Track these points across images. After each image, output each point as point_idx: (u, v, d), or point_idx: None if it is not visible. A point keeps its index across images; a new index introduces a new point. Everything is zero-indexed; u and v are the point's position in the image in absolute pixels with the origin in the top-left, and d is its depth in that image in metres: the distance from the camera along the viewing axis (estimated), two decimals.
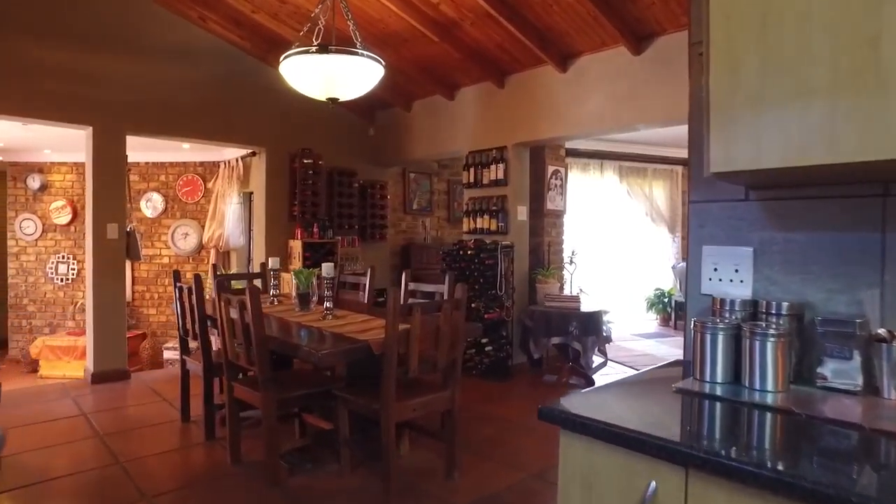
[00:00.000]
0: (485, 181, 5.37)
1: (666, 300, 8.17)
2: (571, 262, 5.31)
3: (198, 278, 3.49)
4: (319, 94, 3.50)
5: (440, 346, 2.86)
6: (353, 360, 2.96)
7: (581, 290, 5.48)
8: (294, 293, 3.70)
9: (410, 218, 7.69)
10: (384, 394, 2.66)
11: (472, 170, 5.49)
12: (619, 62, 4.36)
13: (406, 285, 3.94)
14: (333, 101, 3.56)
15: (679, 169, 8.66)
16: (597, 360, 5.25)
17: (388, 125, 6.70)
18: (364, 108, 6.68)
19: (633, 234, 8.48)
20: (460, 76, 5.48)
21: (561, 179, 5.66)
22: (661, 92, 4.12)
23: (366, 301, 4.21)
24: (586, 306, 5.05)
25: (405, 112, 6.40)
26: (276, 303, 3.91)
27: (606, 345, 5.05)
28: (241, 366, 3.07)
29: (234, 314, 2.94)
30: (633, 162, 8.33)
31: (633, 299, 8.46)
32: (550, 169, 5.51)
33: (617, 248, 8.34)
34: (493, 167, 5.29)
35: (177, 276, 3.90)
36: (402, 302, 3.99)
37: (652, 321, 8.44)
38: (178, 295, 3.74)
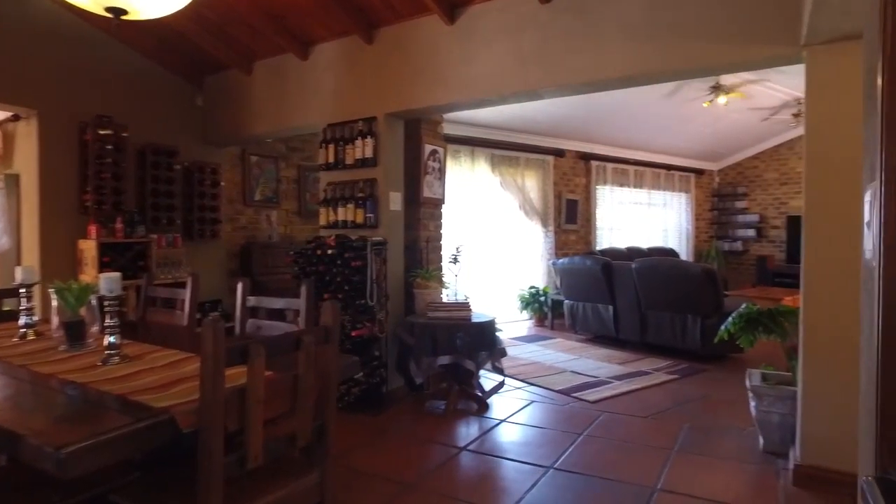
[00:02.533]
0: (348, 161, 4.26)
1: (542, 299, 7.66)
2: (456, 260, 4.41)
3: None
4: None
5: (300, 409, 1.75)
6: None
7: (466, 295, 4.60)
8: (56, 321, 2.33)
9: (252, 211, 6.30)
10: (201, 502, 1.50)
11: (331, 147, 4.35)
12: (523, 11, 3.52)
13: (244, 301, 2.73)
14: (117, 15, 2.25)
15: (551, 159, 8.22)
16: (484, 375, 4.40)
17: (221, 92, 5.29)
18: (189, 67, 5.20)
19: (506, 229, 7.86)
20: (317, 27, 4.30)
21: (440, 161, 4.74)
22: (577, 48, 3.36)
23: (185, 324, 2.93)
24: (476, 314, 4.18)
25: (244, 76, 5.06)
26: (28, 337, 2.47)
27: (502, 359, 4.22)
28: None
29: None
30: (505, 150, 7.71)
31: (506, 299, 7.85)
32: (428, 148, 4.56)
33: (490, 244, 7.66)
34: (359, 143, 4.19)
35: None
36: (237, 329, 2.79)
37: (526, 322, 7.90)
38: None
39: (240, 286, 2.75)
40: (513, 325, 7.50)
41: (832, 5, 2.32)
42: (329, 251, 4.00)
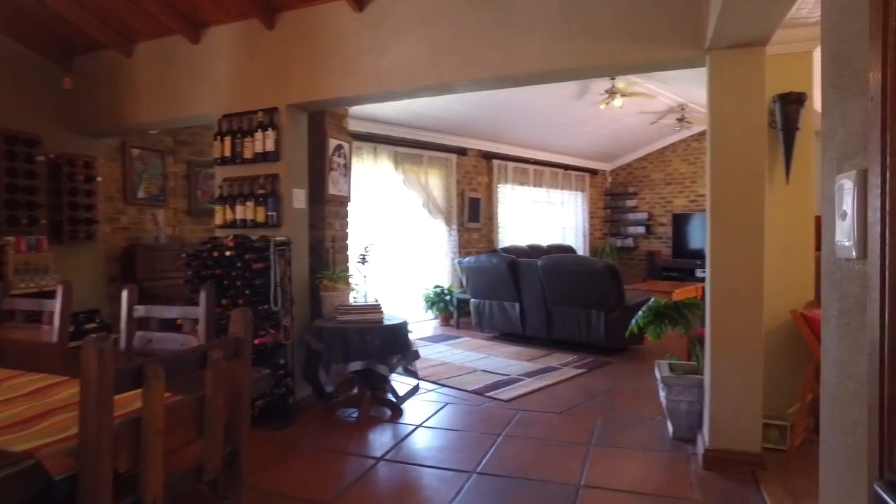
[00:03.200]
0: (247, 155, 3.92)
1: (447, 298, 7.61)
2: (364, 260, 4.20)
3: None
4: None
5: (208, 436, 1.50)
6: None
7: (376, 298, 4.41)
8: None
9: (135, 210, 5.68)
10: None
11: (227, 140, 3.98)
12: (436, 2, 3.41)
13: (130, 311, 2.37)
14: None
15: (454, 158, 8.19)
16: (396, 379, 4.24)
17: (96, 75, 4.70)
18: (54, 45, 4.57)
19: (409, 228, 7.73)
20: (210, 8, 3.91)
21: (345, 157, 4.50)
22: (492, 42, 3.28)
23: (55, 340, 2.51)
24: (388, 316, 4.00)
25: (124, 58, 4.52)
26: None
27: (415, 361, 4.07)
28: None
29: None
30: (408, 148, 7.57)
31: (411, 299, 7.72)
32: (333, 143, 4.31)
33: (394, 244, 7.49)
34: (259, 136, 3.86)
35: None
36: (123, 343, 2.41)
37: (431, 322, 7.82)
38: None
39: (125, 294, 2.39)
40: (419, 325, 7.38)
41: (739, 13, 2.40)
42: (227, 253, 3.65)
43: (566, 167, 10.16)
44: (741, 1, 2.29)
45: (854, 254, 0.92)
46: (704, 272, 9.24)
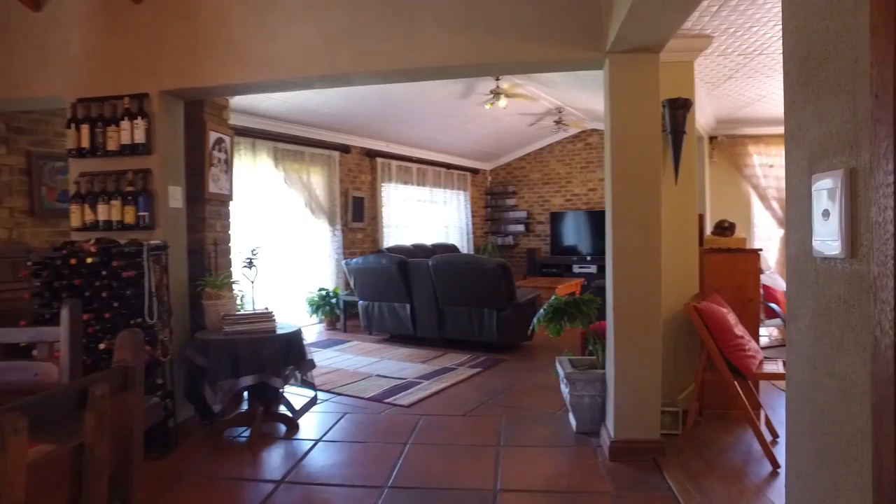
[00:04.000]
0: (111, 147, 3.41)
1: (333, 301, 7.30)
2: (251, 264, 3.84)
3: None
4: None
5: (89, 494, 1.21)
6: None
7: (266, 306, 4.07)
8: None
9: None
10: None
11: (84, 128, 3.43)
12: None
13: None
14: None
15: (336, 155, 7.89)
16: (290, 392, 3.95)
17: None
18: None
19: (292, 228, 7.31)
20: None
21: (226, 152, 4.10)
22: (390, 34, 3.13)
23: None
24: (280, 325, 3.70)
25: None
26: None
27: (310, 372, 3.80)
28: None
29: None
30: (289, 144, 7.16)
31: (294, 303, 7.32)
32: (213, 136, 3.90)
33: (275, 245, 7.04)
34: (125, 125, 3.38)
35: None
36: None
37: (316, 326, 7.47)
38: None
39: None
40: (304, 330, 7.00)
41: (643, 18, 2.47)
42: (89, 259, 3.14)
43: (448, 166, 10.23)
44: (647, 7, 2.35)
45: (841, 253, 0.91)
46: (582, 268, 9.73)
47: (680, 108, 3.23)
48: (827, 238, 0.95)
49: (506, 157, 11.06)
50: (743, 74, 4.19)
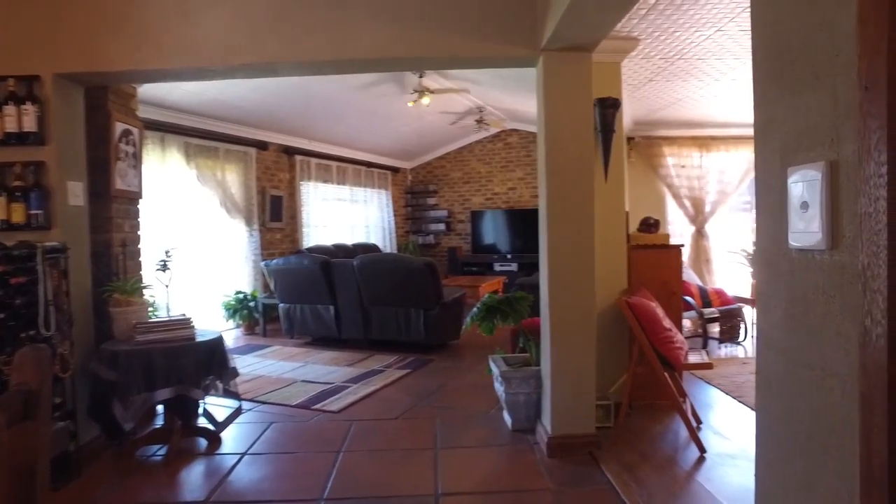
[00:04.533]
0: None
1: (252, 304, 6.95)
2: (165, 267, 3.54)
3: None
4: None
5: None
6: None
7: (184, 312, 3.77)
8: None
9: None
10: None
11: None
12: None
13: None
14: None
15: (253, 152, 7.53)
16: (210, 402, 3.69)
17: None
18: None
19: (205, 229, 6.89)
20: None
21: (135, 145, 3.76)
22: (320, 24, 2.98)
23: None
24: (199, 332, 3.44)
25: None
26: None
27: (234, 380, 3.56)
28: None
29: None
30: (202, 139, 6.74)
31: (208, 308, 6.90)
32: (120, 127, 3.56)
33: (188, 247, 6.60)
34: (10, 110, 2.99)
35: None
36: None
37: (233, 331, 7.09)
38: None
39: None
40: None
41: (582, 16, 2.48)
42: None
43: (369, 165, 10.06)
44: (585, 5, 2.36)
45: (822, 244, 0.92)
46: (503, 266, 9.86)
47: (610, 108, 3.31)
48: (805, 230, 0.96)
49: (427, 155, 11.03)
50: (662, 78, 4.39)
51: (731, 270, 6.87)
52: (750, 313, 5.91)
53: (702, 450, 3.02)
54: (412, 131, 9.30)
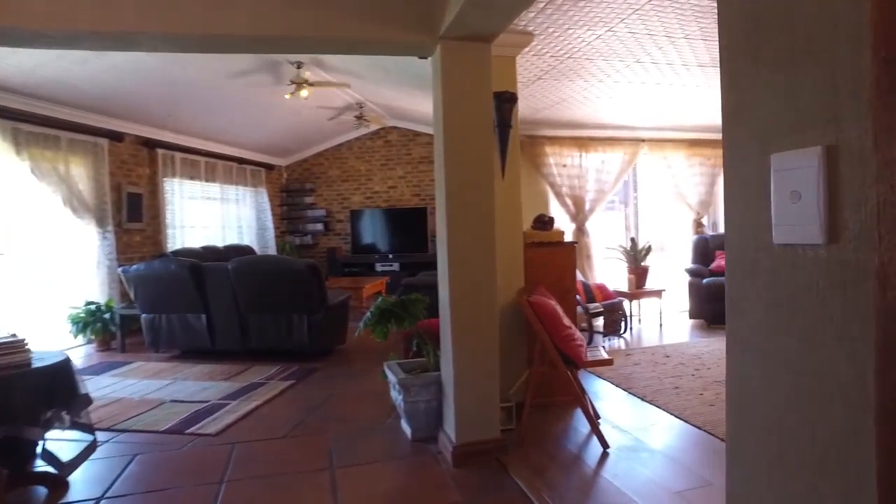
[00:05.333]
0: None
1: (107, 316, 6.11)
2: None
3: None
4: None
5: None
6: None
7: (14, 332, 3.13)
8: None
9: None
10: None
11: None
12: None
13: None
14: None
15: (105, 143, 6.63)
16: (53, 437, 3.10)
17: None
18: None
19: (45, 232, 5.94)
20: None
21: None
22: None
23: None
24: (38, 354, 2.87)
25: None
26: None
27: (85, 410, 3.01)
28: None
29: None
30: (39, 126, 5.79)
31: (51, 322, 5.96)
32: None
33: (24, 253, 5.65)
34: None
35: None
36: None
37: (84, 348, 6.19)
38: None
39: None
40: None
41: (485, 2, 2.35)
42: None
43: (241, 161, 9.34)
44: None
45: (819, 238, 0.82)
46: (385, 266, 9.68)
47: (507, 102, 3.23)
48: (795, 223, 0.86)
49: (303, 152, 10.49)
50: (551, 76, 4.43)
51: (609, 266, 7.23)
52: (628, 307, 6.24)
53: (605, 445, 3.04)
54: (288, 126, 8.77)
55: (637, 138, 7.27)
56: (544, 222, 3.98)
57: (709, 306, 6.34)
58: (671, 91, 5.09)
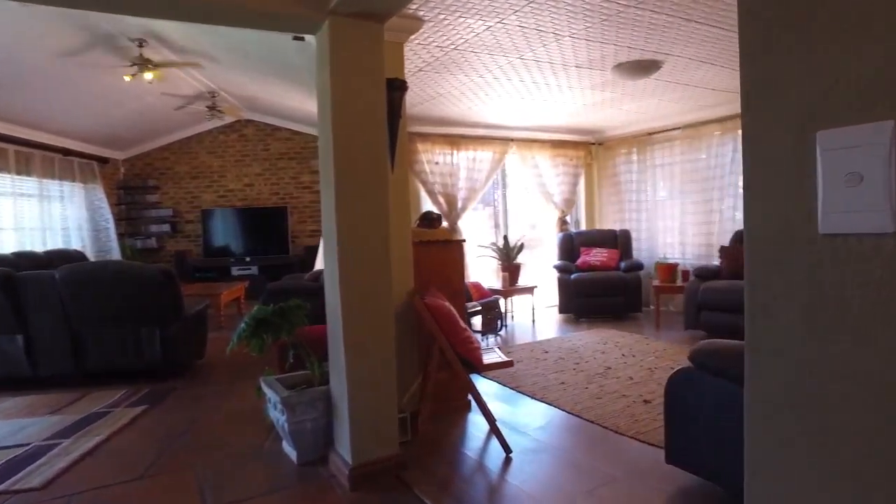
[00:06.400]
0: None
1: None
2: None
3: None
4: None
5: None
6: None
7: None
8: None
9: None
10: None
11: None
12: None
13: None
14: None
15: None
16: None
17: None
18: None
19: None
20: None
21: None
22: None
23: None
24: None
25: None
26: None
27: None
28: None
29: None
30: None
31: None
32: None
33: None
34: None
35: None
36: None
37: None
38: None
39: None
40: None
41: None
42: None
43: (67, 152, 8.01)
44: None
45: (890, 226, 0.71)
46: (242, 270, 8.95)
47: (397, 90, 3.00)
48: (853, 209, 0.74)
49: (145, 145, 9.30)
50: (433, 69, 4.25)
51: (481, 264, 7.27)
52: (503, 304, 6.29)
53: (507, 450, 2.93)
54: (127, 114, 7.70)
55: (506, 137, 7.41)
56: (431, 220, 3.80)
57: (577, 301, 6.63)
58: (544, 91, 5.19)
